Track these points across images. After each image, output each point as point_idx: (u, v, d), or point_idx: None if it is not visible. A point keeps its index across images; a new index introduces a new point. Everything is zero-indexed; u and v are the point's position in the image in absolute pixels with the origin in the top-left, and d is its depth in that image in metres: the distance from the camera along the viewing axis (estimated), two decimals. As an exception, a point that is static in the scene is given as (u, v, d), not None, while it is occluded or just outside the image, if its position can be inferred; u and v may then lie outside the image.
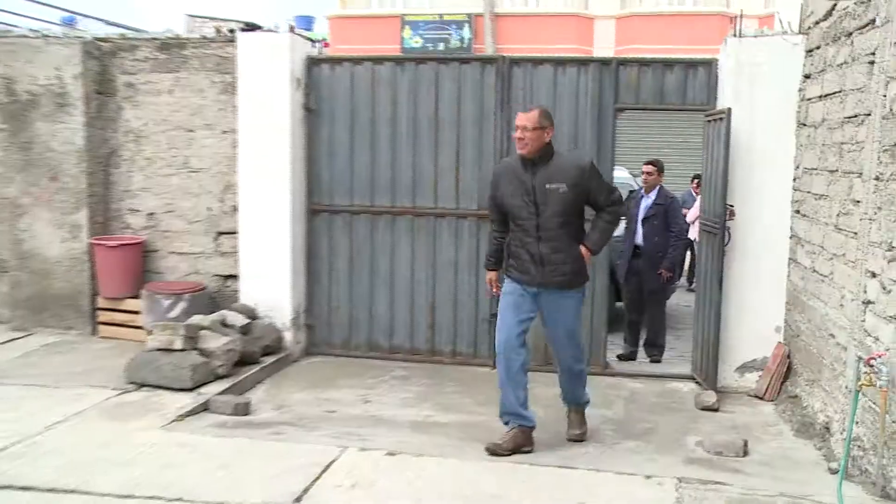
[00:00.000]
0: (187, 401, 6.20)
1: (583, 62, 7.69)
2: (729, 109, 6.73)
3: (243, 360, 7.02)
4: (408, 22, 22.90)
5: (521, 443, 5.46)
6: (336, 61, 8.04)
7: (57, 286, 8.37)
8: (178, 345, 6.58)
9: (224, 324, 7.16)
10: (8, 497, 4.59)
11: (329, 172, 7.88)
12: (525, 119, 5.44)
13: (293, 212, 7.71)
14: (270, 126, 7.63)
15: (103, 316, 8.26)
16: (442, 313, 7.76)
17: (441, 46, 22.24)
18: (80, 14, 16.32)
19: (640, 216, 8.42)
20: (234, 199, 7.96)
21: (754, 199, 6.93)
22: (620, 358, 8.24)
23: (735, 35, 7.04)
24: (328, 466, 5.00)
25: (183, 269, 8.29)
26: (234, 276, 8.05)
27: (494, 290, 5.93)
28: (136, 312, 7.96)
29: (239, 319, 7.27)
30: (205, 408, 6.17)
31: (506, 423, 5.53)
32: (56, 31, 8.94)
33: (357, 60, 7.91)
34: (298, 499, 4.55)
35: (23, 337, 8.22)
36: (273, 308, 7.72)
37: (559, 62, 7.61)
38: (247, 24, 8.22)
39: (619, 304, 8.99)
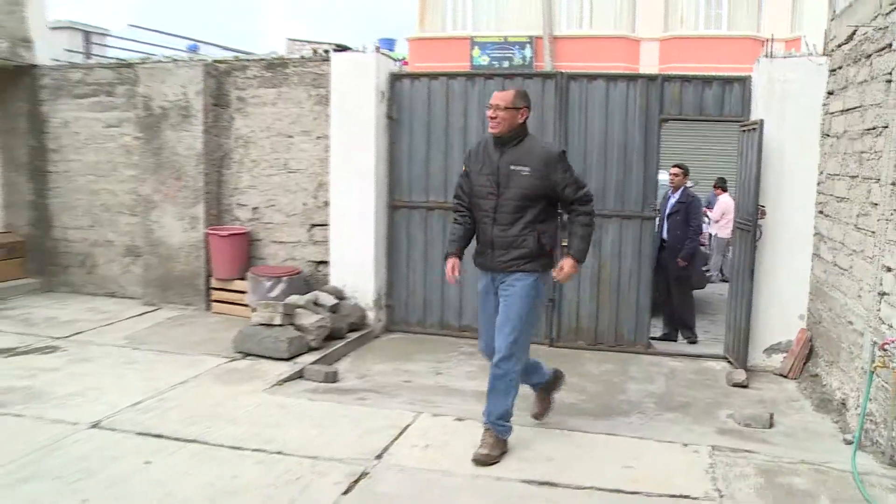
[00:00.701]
0: (285, 369, 6.30)
1: (632, 78, 7.60)
2: (761, 121, 6.59)
3: (332, 335, 7.09)
4: (477, 43, 22.79)
5: (546, 397, 5.31)
6: (415, 77, 8.05)
7: (179, 269, 8.55)
8: (278, 321, 6.68)
9: (316, 303, 7.24)
10: (143, 441, 4.76)
11: (408, 173, 7.90)
12: (499, 98, 4.68)
13: (376, 207, 7.76)
14: (358, 133, 7.69)
15: (215, 294, 8.42)
16: (504, 297, 7.71)
17: (505, 64, 22.09)
18: (202, 41, 16.70)
19: (666, 212, 8.35)
20: (326, 195, 8.04)
21: (783, 200, 6.79)
22: (660, 339, 8.14)
23: (767, 56, 6.89)
24: (405, 429, 5.03)
25: (282, 256, 8.40)
26: (325, 262, 8.13)
27: (454, 276, 4.89)
28: (242, 292, 8.09)
29: (329, 300, 7.35)
30: (300, 375, 6.26)
31: (533, 387, 5.27)
32: (183, 56, 9.15)
33: (433, 76, 7.91)
34: (379, 456, 4.59)
35: (152, 311, 8.42)
36: (358, 290, 7.79)
37: (611, 78, 7.51)
38: (338, 45, 8.28)
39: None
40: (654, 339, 7.82)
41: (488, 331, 4.86)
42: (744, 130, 7.05)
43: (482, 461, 4.53)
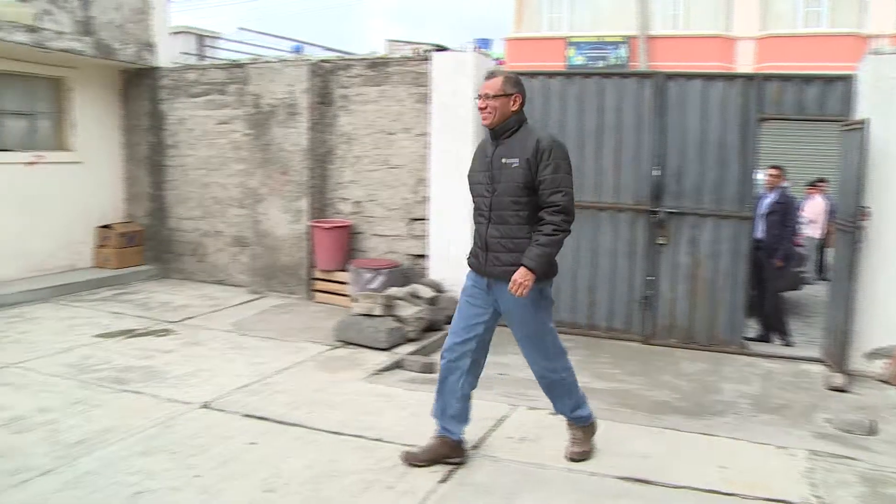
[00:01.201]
0: (383, 358, 6.32)
1: (730, 77, 7.35)
2: (867, 120, 6.24)
3: (430, 327, 7.09)
4: (572, 43, 22.55)
5: (442, 453, 4.32)
6: (513, 76, 7.96)
7: (283, 259, 8.70)
8: (378, 311, 6.71)
9: (415, 295, 7.24)
10: (250, 423, 4.85)
11: (505, 171, 7.82)
12: (488, 86, 4.09)
13: (474, 203, 7.70)
14: (456, 130, 7.66)
15: (318, 285, 8.53)
16: (600, 293, 7.56)
17: (600, 63, 21.79)
18: (305, 43, 17.02)
19: (762, 212, 8.02)
20: (425, 190, 8.04)
21: (888, 201, 6.42)
22: (755, 340, 7.85)
23: (874, 52, 6.54)
24: (500, 421, 4.96)
25: (382, 249, 8.45)
26: (423, 256, 8.14)
27: None
28: (343, 283, 8.17)
29: (427, 292, 7.34)
30: (397, 365, 6.26)
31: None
32: (290, 57, 9.30)
33: (532, 75, 7.78)
34: (475, 447, 4.53)
35: (258, 299, 8.60)
36: (456, 283, 7.67)
37: (709, 77, 7.26)
38: (436, 45, 8.28)
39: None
40: (748, 339, 7.55)
41: (456, 331, 4.28)
42: (846, 130, 6.71)
43: (577, 459, 4.38)
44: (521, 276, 3.94)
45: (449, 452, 4.32)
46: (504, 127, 4.11)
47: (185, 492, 3.90)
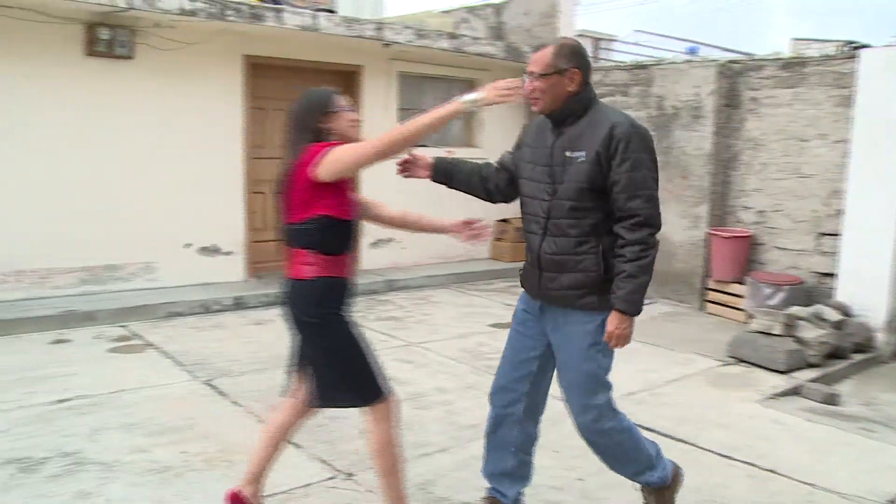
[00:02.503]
0: (780, 382, 5.97)
1: None
2: None
3: (833, 354, 6.53)
4: None
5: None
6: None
7: (677, 266, 8.63)
8: (777, 330, 6.36)
9: (819, 317, 6.73)
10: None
11: (942, 185, 6.91)
12: (533, 62, 3.14)
13: (897, 220, 6.94)
14: (884, 136, 6.90)
15: (710, 295, 8.31)
16: None
17: None
18: (701, 43, 16.66)
19: None
20: (839, 203, 7.40)
21: None
22: None
23: None
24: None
25: (783, 263, 7.98)
26: (830, 275, 7.50)
27: (400, 167, 3.72)
28: (738, 296, 7.88)
29: (833, 315, 6.78)
30: (795, 391, 5.85)
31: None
32: (696, 58, 9.21)
33: None
34: (893, 501, 4.06)
35: (648, 304, 8.50)
36: (867, 308, 7.03)
37: None
38: (850, 43, 7.63)
39: None
40: None
41: (505, 369, 3.52)
42: None
43: None
44: (615, 325, 3.12)
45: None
46: (564, 112, 3.17)
47: (568, 493, 4.04)
